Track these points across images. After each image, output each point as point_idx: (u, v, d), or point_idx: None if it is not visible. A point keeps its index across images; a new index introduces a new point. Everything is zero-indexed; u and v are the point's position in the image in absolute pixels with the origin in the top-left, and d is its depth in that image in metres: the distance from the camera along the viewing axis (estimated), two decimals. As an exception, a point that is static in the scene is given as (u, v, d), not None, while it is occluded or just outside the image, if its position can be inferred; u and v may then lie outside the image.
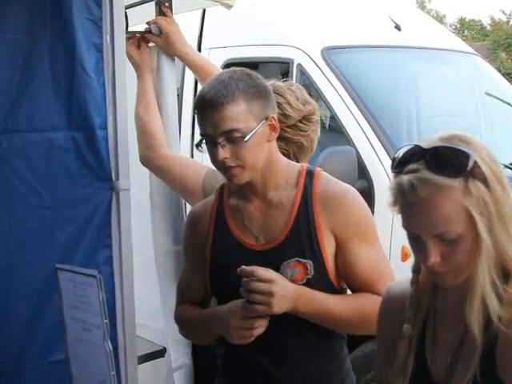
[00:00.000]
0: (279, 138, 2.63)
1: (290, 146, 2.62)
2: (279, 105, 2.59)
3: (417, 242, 1.53)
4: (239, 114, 2.08)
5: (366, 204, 2.26)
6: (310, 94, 2.75)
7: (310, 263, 2.14)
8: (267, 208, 2.23)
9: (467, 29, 64.77)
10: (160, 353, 3.02)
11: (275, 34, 4.86)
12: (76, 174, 2.32)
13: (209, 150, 2.15)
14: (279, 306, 2.04)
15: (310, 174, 2.24)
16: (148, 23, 2.91)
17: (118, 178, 2.33)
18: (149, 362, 2.99)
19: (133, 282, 2.38)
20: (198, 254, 2.33)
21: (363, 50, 4.83)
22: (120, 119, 2.32)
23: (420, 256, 1.54)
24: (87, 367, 2.15)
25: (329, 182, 2.25)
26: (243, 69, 2.18)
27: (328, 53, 4.50)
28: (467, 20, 66.12)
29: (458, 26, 65.80)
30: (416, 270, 1.69)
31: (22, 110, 2.25)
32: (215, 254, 2.29)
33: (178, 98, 4.90)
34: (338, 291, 2.22)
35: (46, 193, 2.29)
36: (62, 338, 2.20)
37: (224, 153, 2.08)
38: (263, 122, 2.13)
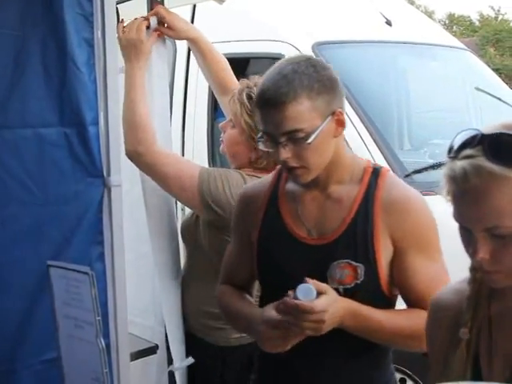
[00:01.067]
0: None
1: None
2: None
3: (466, 235, 1.41)
4: (302, 113, 1.93)
5: (431, 213, 2.08)
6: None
7: (361, 267, 2.01)
8: (325, 200, 2.11)
9: (456, 24, 64.86)
10: (152, 350, 3.00)
11: (266, 30, 4.84)
12: (68, 170, 2.31)
13: (270, 148, 2.03)
14: (327, 327, 1.93)
15: (376, 173, 2.10)
16: (146, 17, 2.84)
17: (109, 175, 2.32)
18: (141, 359, 2.97)
19: (125, 279, 2.37)
20: (247, 235, 2.22)
21: (354, 45, 4.83)
22: (111, 115, 2.31)
23: (469, 250, 1.41)
24: (80, 365, 2.14)
25: (394, 183, 2.12)
26: (308, 57, 2.03)
27: (319, 48, 4.49)
28: (456, 16, 66.23)
29: (447, 21, 65.91)
30: (474, 268, 1.53)
31: (13, 106, 2.24)
32: (262, 239, 2.17)
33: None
34: (388, 298, 2.09)
35: (38, 189, 2.28)
36: (55, 336, 2.19)
37: (286, 153, 1.97)
38: (329, 118, 1.98)
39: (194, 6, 4.88)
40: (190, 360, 2.83)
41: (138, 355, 2.92)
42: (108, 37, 2.28)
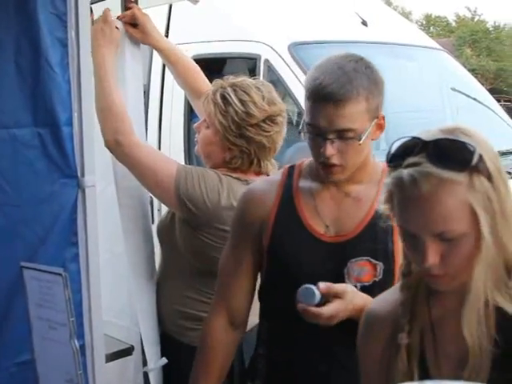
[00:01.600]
0: (241, 136, 2.62)
1: (252, 146, 2.62)
2: (243, 102, 2.58)
3: (414, 241, 1.42)
4: (358, 113, 1.95)
5: None
6: (277, 90, 2.74)
7: (380, 265, 2.04)
8: (343, 199, 2.12)
9: (433, 25, 65.28)
10: (127, 351, 2.99)
11: (242, 30, 4.85)
12: (42, 170, 2.29)
13: (312, 140, 2.03)
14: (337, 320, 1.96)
15: None
16: (120, 17, 2.83)
17: (83, 175, 2.31)
18: (116, 361, 2.95)
19: (99, 280, 2.36)
20: (252, 238, 2.19)
21: (330, 45, 4.82)
22: (85, 115, 2.29)
23: (417, 257, 1.42)
24: (54, 366, 2.12)
25: None
26: (363, 58, 2.04)
27: (295, 48, 4.51)
28: (433, 16, 66.63)
29: (424, 22, 66.31)
30: (407, 273, 1.56)
31: (-15, 107, 2.22)
32: (276, 237, 2.15)
33: (144, 94, 4.88)
34: None
35: (12, 190, 2.26)
36: (29, 338, 2.17)
37: (332, 150, 1.97)
38: (375, 121, 2.01)
39: (171, 7, 4.88)
40: (163, 361, 2.83)
41: (113, 356, 2.90)
42: (82, 36, 2.26)
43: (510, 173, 4.49)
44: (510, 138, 5.52)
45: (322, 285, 1.92)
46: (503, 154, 5.09)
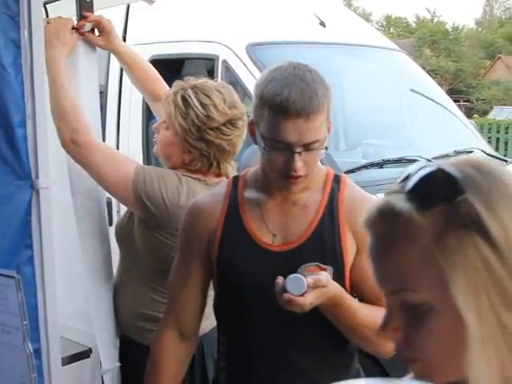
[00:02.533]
0: (201, 140, 2.62)
1: (211, 149, 2.61)
2: (204, 105, 2.57)
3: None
4: (322, 123, 1.94)
5: None
6: (236, 91, 2.74)
7: (330, 269, 2.03)
8: (289, 207, 2.10)
9: (393, 26, 65.86)
10: (85, 354, 2.97)
11: (200, 30, 4.85)
12: (-5, 172, 2.27)
13: (276, 154, 1.98)
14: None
15: (337, 179, 2.14)
16: (81, 22, 2.80)
17: (37, 177, 2.29)
18: (74, 364, 2.93)
19: (55, 283, 2.34)
20: (200, 252, 2.17)
21: (288, 46, 4.85)
22: (39, 117, 2.27)
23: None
24: (7, 370, 2.10)
25: (354, 187, 2.17)
26: (308, 65, 1.99)
27: (253, 49, 4.51)
28: (393, 17, 67.23)
29: (384, 23, 66.89)
30: None
31: None
32: (224, 249, 2.13)
33: (102, 94, 4.85)
34: None
35: (-35, 192, 2.24)
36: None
37: (300, 162, 1.95)
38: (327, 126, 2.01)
39: (128, 8, 4.86)
40: (117, 364, 2.82)
41: (70, 359, 2.87)
42: (35, 37, 2.24)
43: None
44: (467, 138, 5.58)
45: (310, 278, 1.91)
46: (460, 153, 5.14)
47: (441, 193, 0.99)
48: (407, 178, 1.03)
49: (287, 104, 1.90)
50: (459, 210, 0.97)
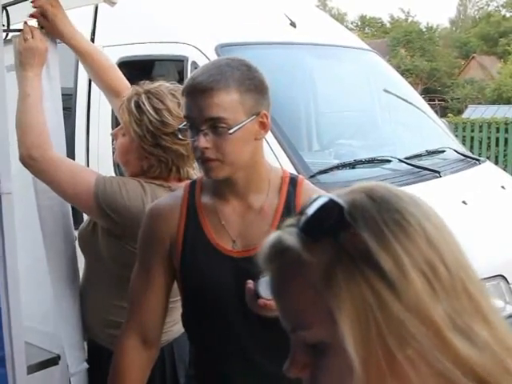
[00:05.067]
0: (157, 146, 2.58)
1: (169, 154, 2.57)
2: (158, 111, 2.53)
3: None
4: (229, 103, 1.93)
5: None
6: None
7: None
8: (246, 212, 2.09)
9: (368, 26, 66.18)
10: (53, 361, 2.93)
11: (169, 32, 4.81)
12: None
13: (190, 137, 2.01)
14: None
15: (293, 182, 2.12)
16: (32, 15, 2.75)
17: (-1, 182, 2.25)
18: (41, 371, 2.89)
19: (19, 289, 2.31)
20: (161, 256, 2.14)
21: (258, 46, 4.83)
22: (-1, 122, 2.24)
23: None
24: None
25: (311, 190, 2.12)
26: (242, 59, 2.04)
27: (222, 50, 4.47)
28: (368, 18, 67.57)
29: (359, 23, 67.23)
30: None
31: None
32: (186, 256, 2.11)
33: (72, 99, 4.81)
34: None
35: None
36: None
37: (205, 142, 1.95)
38: (254, 117, 1.98)
39: (96, 9, 4.82)
40: (85, 365, 2.78)
41: (37, 367, 2.84)
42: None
43: (438, 172, 4.62)
44: (439, 138, 5.59)
45: None
46: (432, 153, 5.16)
47: (327, 226, 0.92)
48: (304, 209, 0.96)
49: (189, 82, 1.97)
50: (347, 244, 0.91)
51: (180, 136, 2.14)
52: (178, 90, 2.59)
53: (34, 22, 2.75)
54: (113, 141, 2.82)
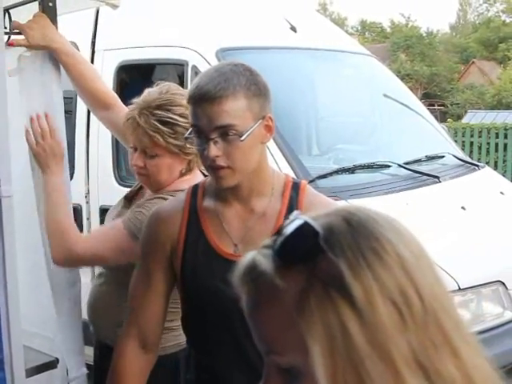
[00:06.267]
0: (190, 143, 2.57)
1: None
2: (183, 114, 2.49)
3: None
4: (238, 110, 1.94)
5: None
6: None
7: None
8: (248, 216, 2.09)
9: (368, 31, 66.21)
10: (51, 364, 2.92)
11: (170, 36, 4.82)
12: (-45, 181, 2.23)
13: (198, 145, 2.01)
14: None
15: (296, 187, 2.13)
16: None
17: (-1, 185, 2.26)
18: (40, 375, 2.89)
19: (18, 293, 2.30)
20: (162, 259, 2.15)
21: (258, 51, 4.83)
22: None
23: None
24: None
25: (314, 195, 2.15)
26: (244, 63, 2.04)
27: (223, 54, 4.48)
28: (368, 22, 67.59)
29: (360, 28, 67.27)
30: None
31: None
32: (187, 260, 2.12)
33: (72, 102, 4.81)
34: None
35: None
36: None
37: (216, 150, 1.95)
38: (260, 121, 1.99)
39: (98, 12, 4.82)
40: (84, 370, 2.78)
41: (36, 370, 2.83)
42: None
43: (437, 177, 4.62)
44: (438, 143, 5.59)
45: None
46: (432, 158, 5.16)
47: (301, 251, 0.90)
48: (281, 230, 0.95)
49: (195, 91, 1.97)
50: (321, 270, 0.88)
51: (187, 144, 2.12)
52: (167, 86, 2.61)
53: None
54: (115, 140, 2.81)
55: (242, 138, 1.95)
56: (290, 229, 0.93)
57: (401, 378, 0.87)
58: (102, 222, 4.76)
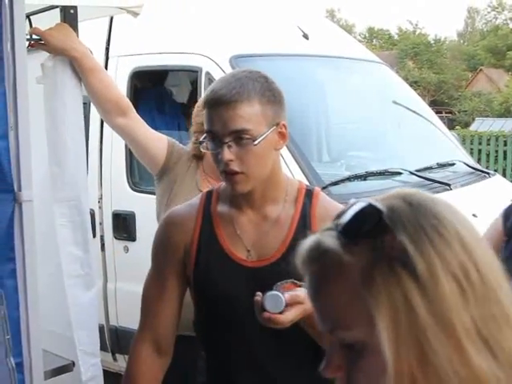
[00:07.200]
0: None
1: None
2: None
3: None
4: (252, 115, 1.96)
5: None
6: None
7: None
8: (262, 222, 2.10)
9: (376, 38, 66.19)
10: (68, 367, 2.94)
11: (184, 42, 4.83)
12: (-23, 185, 2.26)
13: (213, 149, 2.03)
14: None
15: (309, 193, 2.14)
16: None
17: (20, 189, 2.28)
18: (56, 377, 2.91)
19: (38, 296, 2.33)
20: (176, 263, 2.15)
21: (271, 58, 4.85)
22: (22, 129, 2.27)
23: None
24: (-11, 385, 2.09)
25: (327, 201, 2.17)
26: (258, 71, 2.07)
27: (236, 61, 4.49)
28: (376, 29, 67.59)
29: (367, 35, 67.25)
30: None
31: None
32: (200, 265, 2.12)
33: (86, 107, 4.83)
34: None
35: None
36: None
37: (230, 154, 1.97)
38: (274, 128, 2.01)
39: (111, 19, 4.84)
40: (98, 372, 2.80)
41: (53, 373, 2.85)
42: (17, 50, 2.24)
43: (448, 184, 4.63)
44: (449, 150, 5.60)
45: (288, 295, 1.90)
46: (443, 165, 5.17)
47: (367, 229, 0.95)
48: (341, 214, 1.00)
49: (211, 96, 2.00)
50: (385, 246, 0.94)
51: (202, 149, 2.17)
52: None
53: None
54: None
55: (256, 143, 1.97)
56: (353, 210, 0.98)
57: (463, 350, 0.91)
58: (114, 226, 4.79)
